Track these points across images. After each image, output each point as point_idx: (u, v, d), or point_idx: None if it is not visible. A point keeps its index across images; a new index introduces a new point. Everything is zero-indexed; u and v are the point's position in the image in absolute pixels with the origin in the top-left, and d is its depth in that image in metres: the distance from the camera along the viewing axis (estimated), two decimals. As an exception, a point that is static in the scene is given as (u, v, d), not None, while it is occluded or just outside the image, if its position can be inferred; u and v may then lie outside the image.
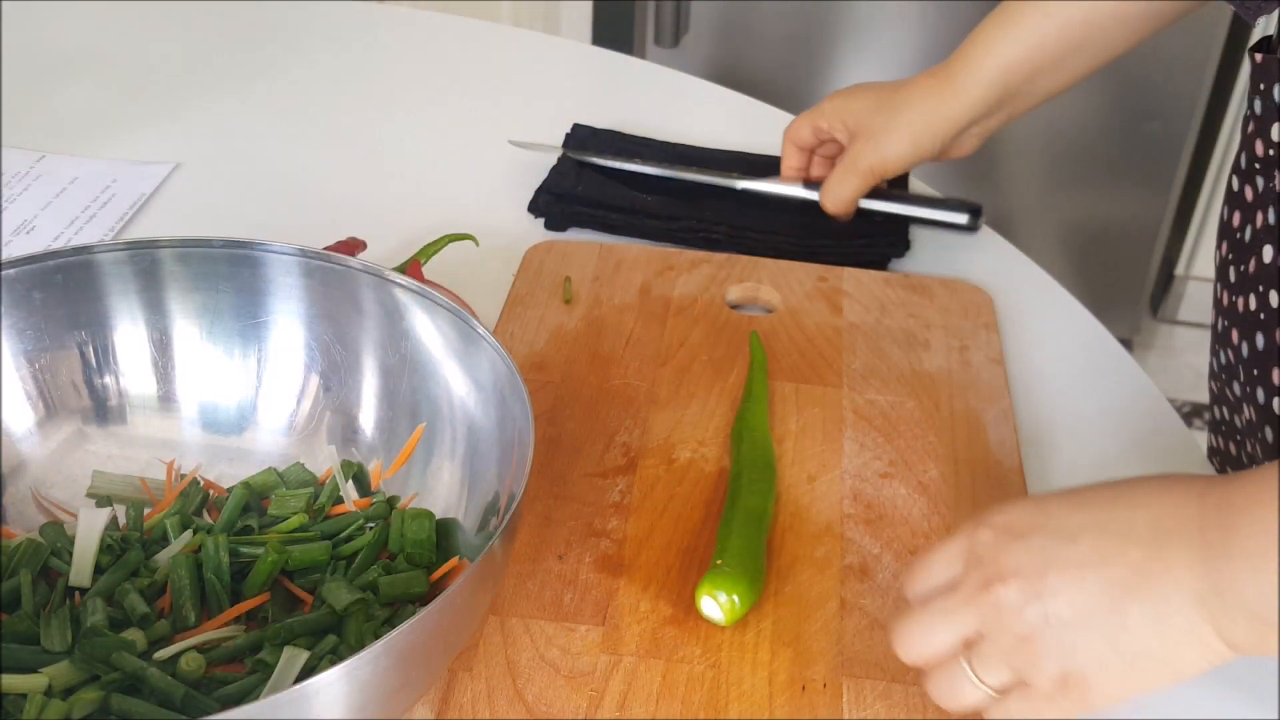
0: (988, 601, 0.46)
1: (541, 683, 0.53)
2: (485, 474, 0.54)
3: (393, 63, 1.03)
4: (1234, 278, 0.66)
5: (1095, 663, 0.45)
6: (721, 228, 0.82)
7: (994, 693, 0.46)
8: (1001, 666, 0.46)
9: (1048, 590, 0.45)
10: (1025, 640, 0.45)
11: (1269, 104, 0.61)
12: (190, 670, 0.49)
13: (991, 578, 0.46)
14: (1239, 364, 0.66)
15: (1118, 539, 0.45)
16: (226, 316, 0.59)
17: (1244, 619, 0.43)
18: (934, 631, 0.47)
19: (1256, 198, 0.64)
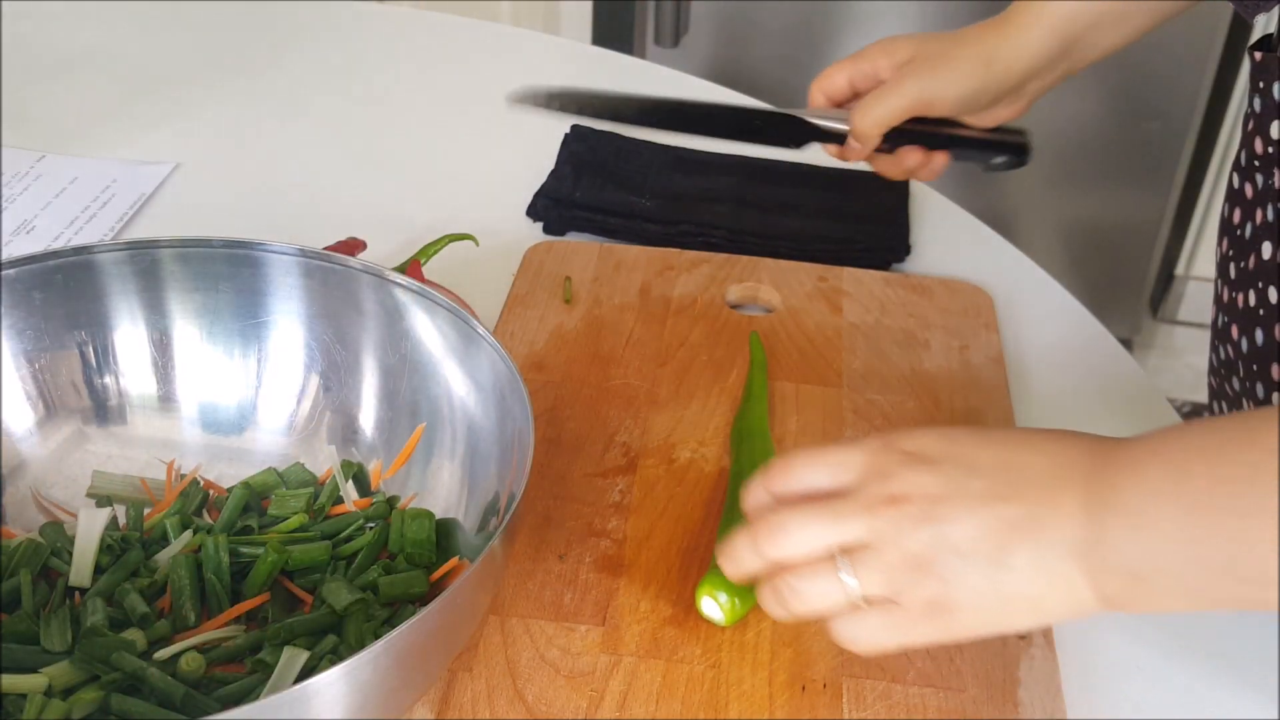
0: (887, 515, 0.46)
1: (542, 683, 0.53)
2: (485, 474, 0.54)
3: (393, 62, 1.04)
4: (1234, 274, 0.66)
5: (970, 594, 0.45)
6: (720, 231, 0.82)
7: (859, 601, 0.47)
8: (881, 579, 0.46)
9: (947, 517, 0.45)
10: (913, 558, 0.46)
11: (1268, 101, 0.61)
12: (190, 670, 0.49)
13: (895, 494, 0.46)
14: (1238, 359, 0.66)
15: (1016, 480, 0.46)
16: (226, 316, 0.59)
17: (1118, 573, 0.44)
18: (813, 528, 0.47)
19: (1256, 195, 0.64)
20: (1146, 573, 0.44)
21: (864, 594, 0.46)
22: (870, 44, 0.73)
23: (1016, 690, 0.53)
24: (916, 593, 0.46)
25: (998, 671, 0.54)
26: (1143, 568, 0.44)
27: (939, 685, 0.53)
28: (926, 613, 0.46)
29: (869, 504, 0.47)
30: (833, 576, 0.47)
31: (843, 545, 0.47)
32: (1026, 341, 0.75)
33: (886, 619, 0.46)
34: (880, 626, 0.47)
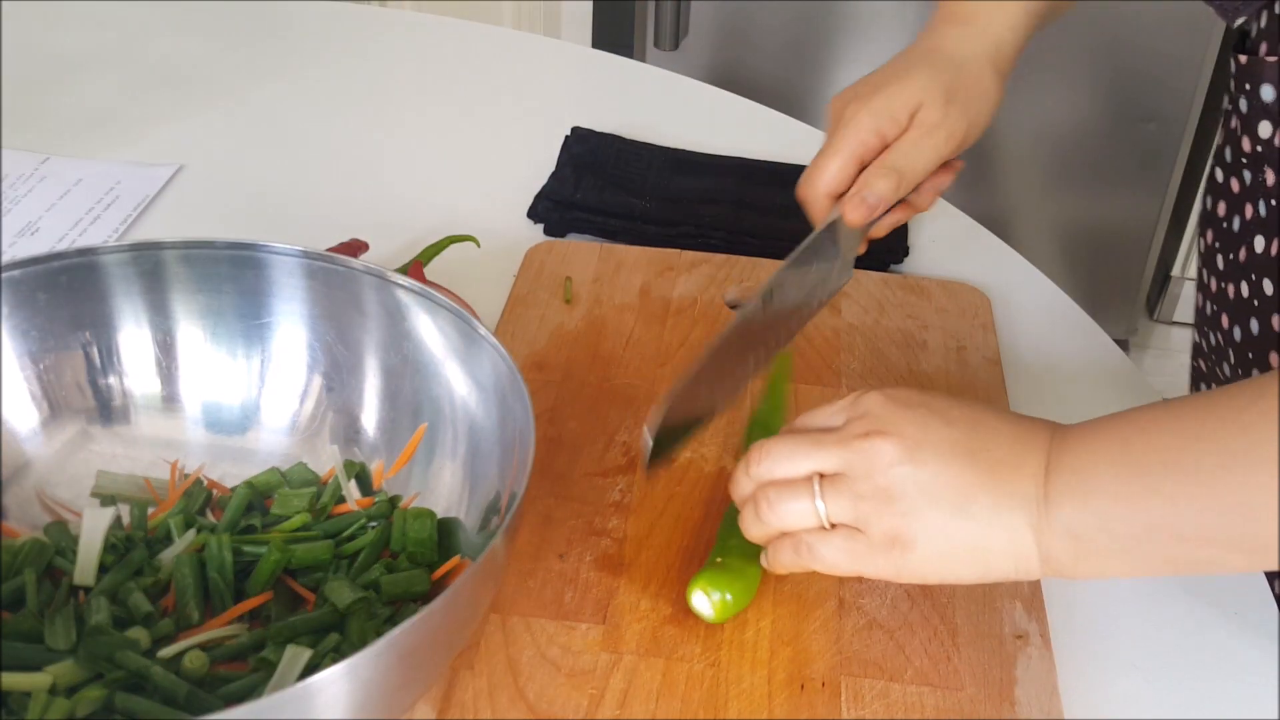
0: (865, 447, 0.50)
1: (542, 681, 0.53)
2: (486, 473, 0.54)
3: (395, 65, 1.04)
4: (1223, 265, 0.67)
5: (926, 534, 0.49)
6: (720, 233, 0.82)
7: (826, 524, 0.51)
8: (849, 506, 0.50)
9: (920, 458, 0.49)
10: (882, 491, 0.49)
11: (1255, 103, 0.62)
12: (194, 668, 0.49)
13: (874, 431, 0.50)
14: (1229, 347, 0.67)
15: (986, 436, 0.50)
16: (230, 317, 0.60)
17: (1062, 534, 0.48)
18: (797, 454, 0.51)
19: (1244, 189, 0.65)
20: (1086, 533, 0.47)
21: (831, 518, 0.51)
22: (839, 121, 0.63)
23: (1013, 689, 0.54)
24: (879, 523, 0.49)
25: (995, 670, 0.54)
26: (1082, 527, 0.47)
27: (936, 684, 0.54)
28: (884, 544, 0.50)
29: (847, 437, 0.51)
30: (807, 497, 0.51)
31: (821, 471, 0.51)
32: (1023, 342, 0.75)
33: (848, 543, 0.51)
34: (841, 549, 0.51)
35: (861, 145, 0.61)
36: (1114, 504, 0.47)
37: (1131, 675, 0.56)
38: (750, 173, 0.89)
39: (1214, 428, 0.45)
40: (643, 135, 0.93)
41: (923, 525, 0.49)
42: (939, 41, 0.65)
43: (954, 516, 0.49)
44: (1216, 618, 0.59)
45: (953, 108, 0.62)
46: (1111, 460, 0.47)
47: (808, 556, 0.52)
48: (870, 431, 0.50)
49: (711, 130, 0.95)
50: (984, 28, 0.65)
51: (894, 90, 0.62)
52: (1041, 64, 1.71)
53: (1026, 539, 0.48)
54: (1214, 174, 0.69)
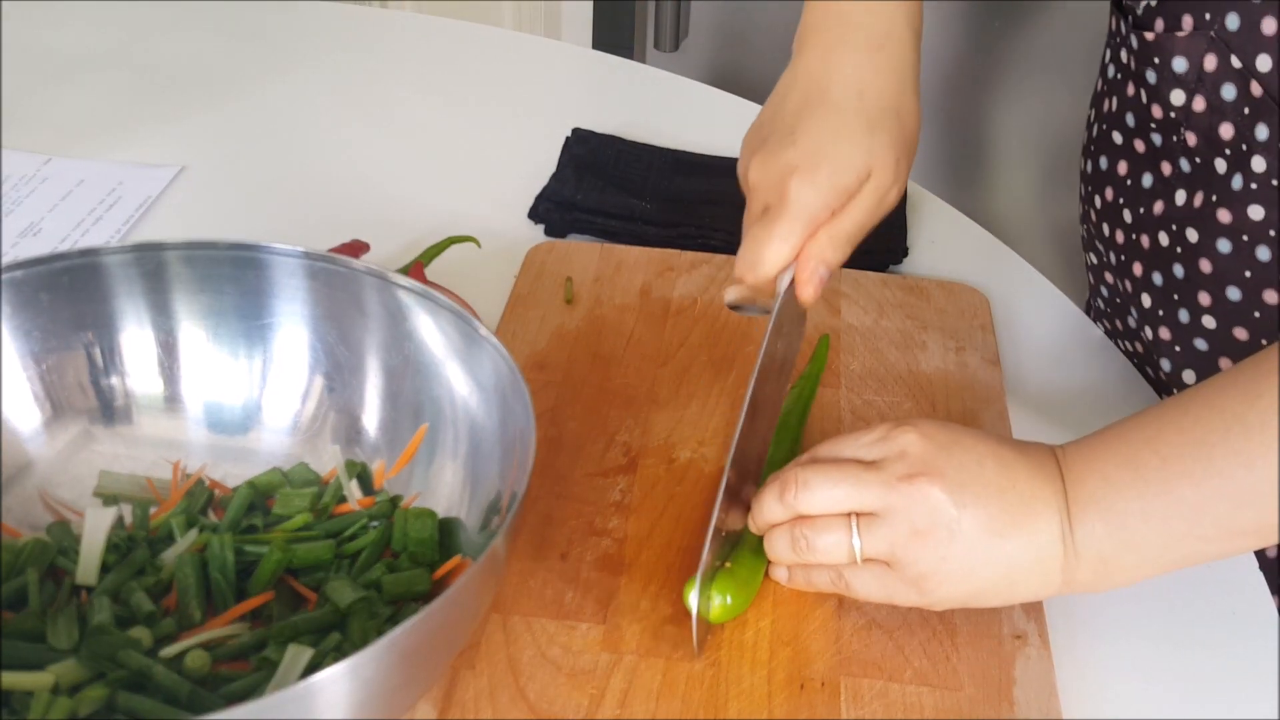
0: (910, 491, 0.51)
1: (543, 680, 0.53)
2: (487, 473, 0.55)
3: (396, 66, 1.04)
4: (1130, 219, 0.71)
5: (960, 573, 0.51)
6: (720, 234, 0.82)
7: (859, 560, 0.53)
8: (885, 547, 0.52)
9: (966, 501, 0.51)
10: (920, 534, 0.51)
11: (1166, 74, 0.65)
12: (196, 668, 0.49)
13: (919, 473, 0.51)
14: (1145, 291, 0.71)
15: (1010, 471, 0.52)
16: (231, 318, 0.60)
17: (1088, 560, 0.50)
18: (838, 490, 0.53)
19: (1154, 150, 0.69)
20: (1114, 554, 0.50)
21: (865, 554, 0.52)
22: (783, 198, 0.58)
23: (1012, 689, 0.54)
24: (914, 564, 0.51)
25: (994, 670, 0.55)
26: (1111, 551, 0.50)
27: (935, 684, 0.54)
28: (918, 580, 0.52)
29: (891, 479, 0.51)
30: (845, 534, 0.52)
31: (857, 509, 0.52)
32: (1022, 342, 0.76)
33: (882, 578, 0.53)
34: (875, 582, 0.53)
35: (814, 225, 0.58)
36: (1141, 524, 0.49)
37: (1130, 675, 0.56)
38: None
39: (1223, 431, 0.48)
40: (643, 136, 0.93)
41: (958, 565, 0.51)
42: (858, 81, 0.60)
43: (987, 554, 0.51)
44: (1216, 618, 0.59)
45: (902, 164, 0.60)
46: (1129, 482, 0.49)
47: (844, 588, 0.54)
48: (916, 473, 0.51)
49: (712, 131, 0.95)
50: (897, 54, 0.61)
51: (842, 162, 0.58)
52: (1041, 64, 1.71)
53: (1052, 567, 0.51)
54: (1109, 136, 0.72)
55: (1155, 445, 0.49)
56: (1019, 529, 0.51)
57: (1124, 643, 0.57)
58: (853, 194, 0.58)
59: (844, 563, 0.53)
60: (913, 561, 0.51)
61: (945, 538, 0.51)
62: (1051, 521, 0.51)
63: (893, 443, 0.53)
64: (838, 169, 0.58)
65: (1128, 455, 0.50)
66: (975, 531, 0.51)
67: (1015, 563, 0.51)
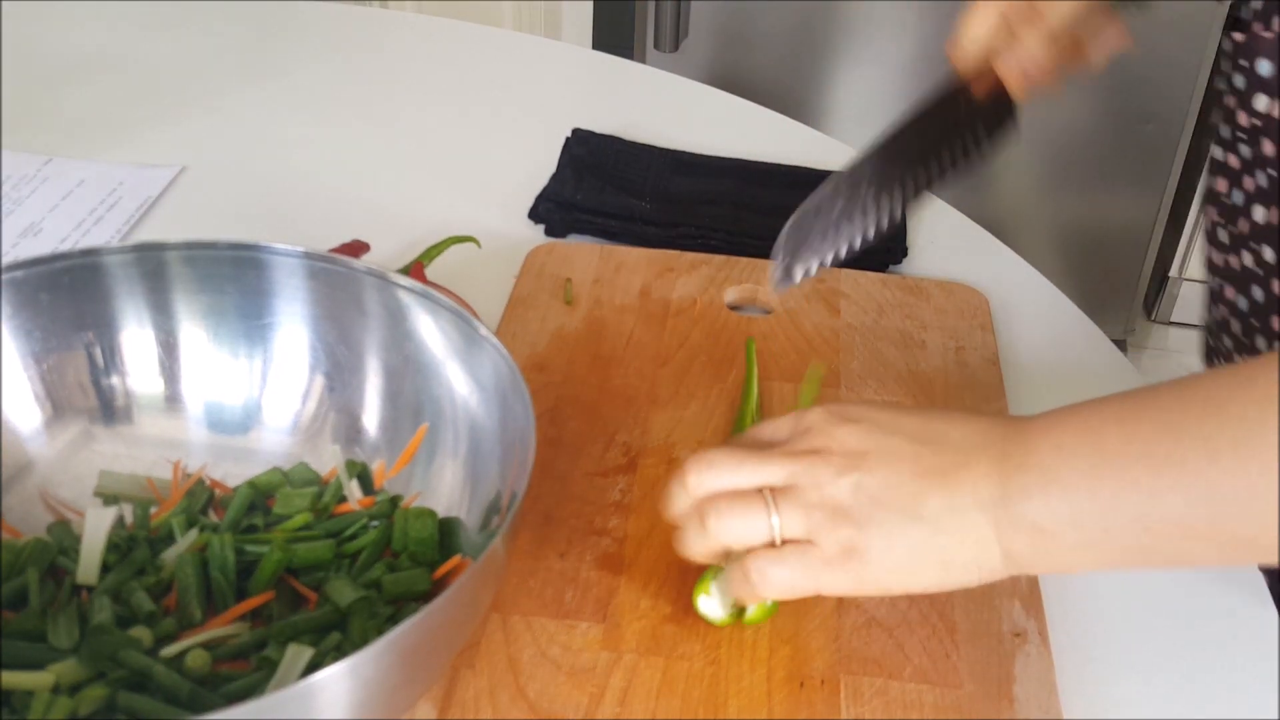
0: (808, 460, 0.49)
1: (543, 680, 0.53)
2: (487, 473, 0.55)
3: (396, 66, 1.04)
4: (1226, 239, 0.68)
5: (880, 542, 0.48)
6: (720, 234, 0.82)
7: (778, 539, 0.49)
8: (801, 518, 0.49)
9: (865, 467, 0.49)
10: (829, 504, 0.49)
11: (1252, 78, 0.63)
12: (196, 667, 0.49)
13: (818, 445, 0.50)
14: (1234, 316, 0.69)
15: (934, 441, 0.49)
16: (232, 318, 0.60)
17: (1026, 529, 0.46)
18: (744, 466, 0.50)
19: (1243, 164, 0.66)
20: (1052, 526, 0.46)
21: (783, 533, 0.49)
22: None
23: (1012, 687, 0.54)
24: (831, 534, 0.48)
25: (993, 668, 0.55)
26: (1049, 521, 0.46)
27: (935, 682, 0.54)
28: (840, 557, 0.48)
29: (792, 453, 0.50)
30: (760, 510, 0.49)
31: (767, 486, 0.50)
32: (1022, 342, 0.76)
33: (801, 560, 0.49)
34: (794, 567, 0.49)
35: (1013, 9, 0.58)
36: (1086, 498, 0.45)
37: (1130, 674, 0.56)
38: (750, 174, 0.89)
39: (1197, 417, 0.43)
40: (643, 136, 0.93)
41: (876, 533, 0.48)
42: None
43: (906, 521, 0.48)
44: (1215, 617, 0.59)
45: None
46: (1083, 453, 0.45)
47: (760, 581, 0.50)
48: (815, 446, 0.50)
49: (711, 131, 0.95)
50: None
51: None
52: (1041, 65, 1.71)
53: (986, 536, 0.47)
54: (1214, 153, 0.70)
55: (1124, 420, 0.45)
56: (938, 493, 0.47)
57: (1124, 641, 0.58)
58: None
59: (760, 549, 0.50)
60: (830, 536, 0.48)
61: (856, 507, 0.48)
62: (978, 488, 0.47)
63: (799, 421, 0.51)
64: None
65: (1092, 425, 0.46)
66: (887, 495, 0.48)
67: (939, 531, 0.47)
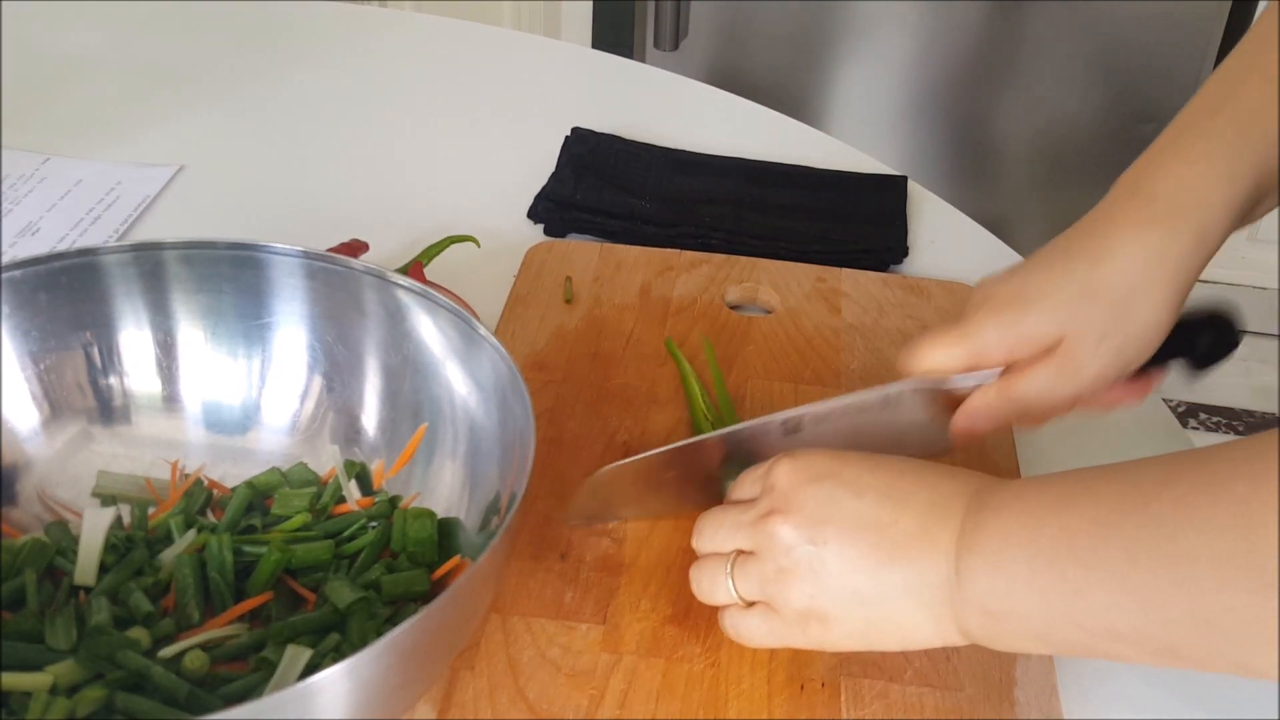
0: (765, 529, 0.49)
1: (543, 681, 0.53)
2: (487, 473, 0.55)
3: (395, 66, 1.04)
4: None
5: (838, 611, 0.48)
6: (720, 233, 0.82)
7: (741, 601, 0.51)
8: (756, 586, 0.50)
9: (822, 537, 0.48)
10: (785, 572, 0.49)
11: None
12: (194, 668, 0.49)
13: (777, 509, 0.49)
14: None
15: (897, 506, 0.48)
16: (230, 317, 0.60)
17: (975, 610, 0.46)
18: (720, 532, 0.52)
19: None
20: (998, 612, 0.46)
21: (743, 596, 0.51)
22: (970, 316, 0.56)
23: (1013, 690, 0.54)
24: (788, 602, 0.49)
25: (994, 671, 0.54)
26: (995, 607, 0.46)
27: (936, 684, 0.54)
28: (798, 621, 0.49)
29: (754, 518, 0.50)
30: (721, 576, 0.51)
31: (739, 549, 0.51)
32: (1024, 343, 0.75)
33: (765, 621, 0.51)
34: (759, 625, 0.51)
35: (982, 353, 0.55)
36: (1025, 592, 0.45)
37: (1131, 675, 0.56)
38: (750, 173, 0.89)
39: (1123, 513, 0.42)
40: (643, 135, 0.93)
41: (832, 602, 0.48)
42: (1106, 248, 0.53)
43: (865, 592, 0.48)
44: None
45: (1105, 347, 0.53)
46: (1022, 542, 0.45)
47: (733, 634, 0.52)
48: (771, 511, 0.49)
49: (711, 130, 0.95)
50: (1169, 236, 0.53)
51: (1035, 312, 0.53)
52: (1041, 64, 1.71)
53: (942, 613, 0.47)
54: None
55: (1062, 510, 0.44)
56: (895, 568, 0.47)
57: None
58: (1034, 351, 0.54)
59: (731, 605, 0.52)
60: (786, 601, 0.49)
61: (808, 575, 0.48)
62: (935, 564, 0.46)
63: (768, 476, 0.51)
64: (1027, 318, 0.54)
65: (1033, 512, 0.45)
66: (840, 568, 0.48)
67: (896, 603, 0.47)
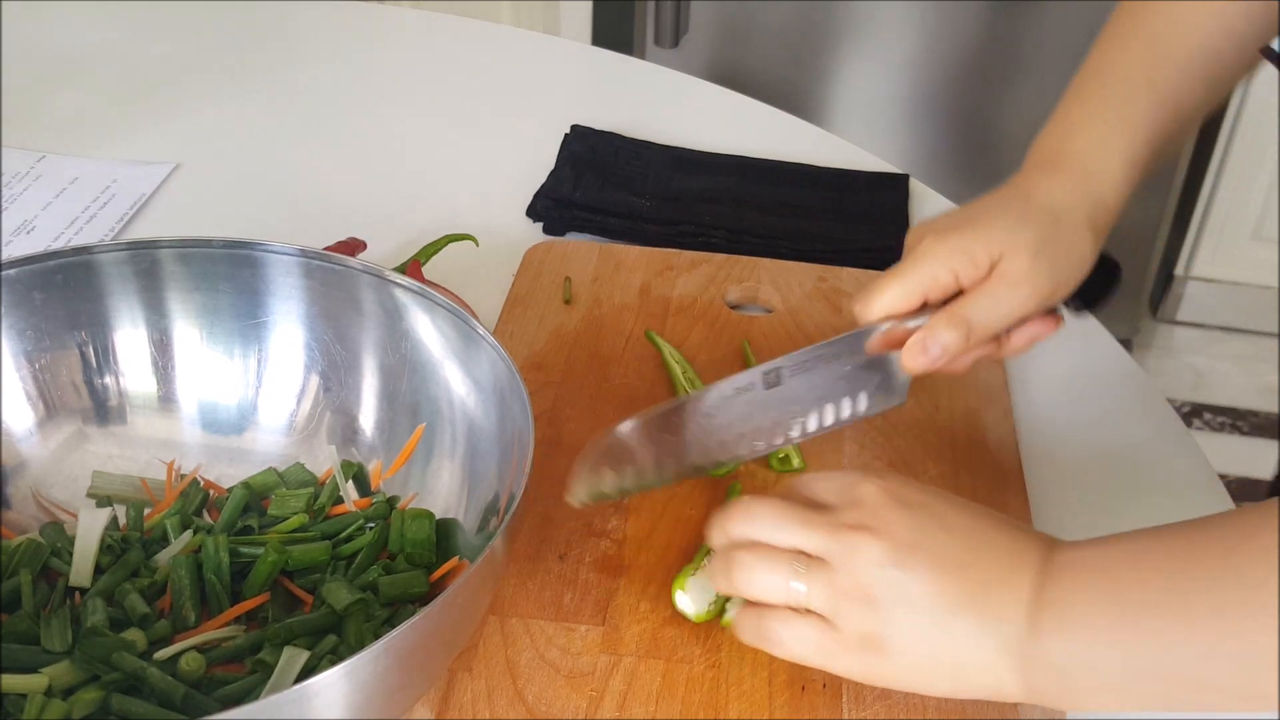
0: (852, 541, 0.47)
1: (541, 683, 0.53)
2: (485, 474, 0.54)
3: (393, 63, 1.04)
4: None
5: (902, 642, 0.47)
6: (720, 232, 0.82)
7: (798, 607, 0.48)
8: (826, 596, 0.48)
9: (910, 564, 0.47)
10: (863, 590, 0.47)
11: None
12: (190, 670, 0.49)
13: (866, 524, 0.47)
14: None
15: (978, 549, 0.47)
16: (227, 316, 0.59)
17: (1049, 669, 0.46)
18: (784, 526, 0.49)
19: None
20: (1074, 670, 0.45)
21: (806, 603, 0.48)
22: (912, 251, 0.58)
23: (1016, 690, 0.53)
24: (854, 622, 0.47)
25: (997, 671, 0.54)
26: (1070, 665, 0.45)
27: (938, 685, 0.53)
28: (856, 644, 0.47)
29: (837, 527, 0.48)
30: (785, 572, 0.48)
31: (802, 550, 0.48)
32: (1026, 342, 0.75)
33: (817, 635, 0.48)
34: (810, 639, 0.48)
35: (932, 279, 0.56)
36: (1105, 647, 0.45)
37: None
38: (751, 171, 0.89)
39: (1206, 567, 0.43)
40: (643, 133, 0.92)
41: (900, 632, 0.47)
42: (1032, 189, 0.59)
43: (934, 630, 0.46)
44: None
45: (1040, 262, 0.57)
46: (1101, 599, 0.45)
47: (769, 639, 0.49)
48: (861, 525, 0.47)
49: (712, 128, 0.94)
50: (1082, 181, 0.59)
51: (977, 232, 0.57)
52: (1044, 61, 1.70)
53: (1006, 664, 0.46)
54: None
55: (1142, 568, 0.45)
56: (971, 611, 0.46)
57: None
58: (980, 270, 0.56)
59: (779, 607, 0.49)
60: (853, 621, 0.47)
61: (885, 599, 0.46)
62: (1010, 615, 0.46)
63: (853, 490, 0.49)
64: (969, 236, 0.56)
65: (1112, 571, 0.46)
66: (921, 600, 0.46)
67: (962, 647, 0.46)
